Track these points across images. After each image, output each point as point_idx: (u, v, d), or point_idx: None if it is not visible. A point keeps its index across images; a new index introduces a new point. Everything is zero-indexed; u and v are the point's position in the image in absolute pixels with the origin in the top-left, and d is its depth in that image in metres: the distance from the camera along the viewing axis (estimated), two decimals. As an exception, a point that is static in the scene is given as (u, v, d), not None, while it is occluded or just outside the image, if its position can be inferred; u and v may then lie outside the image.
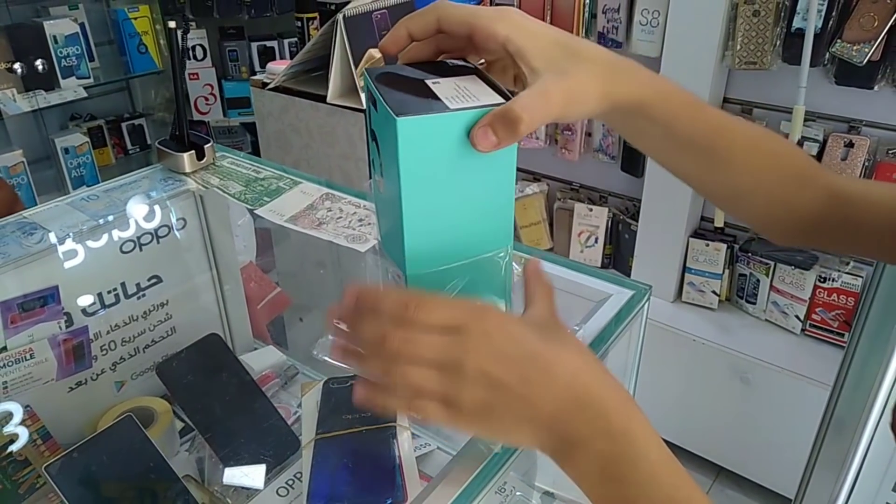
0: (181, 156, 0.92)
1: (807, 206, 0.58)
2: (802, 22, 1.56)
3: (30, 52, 2.01)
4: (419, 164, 0.43)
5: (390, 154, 0.43)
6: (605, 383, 0.43)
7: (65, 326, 0.86)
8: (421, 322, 0.42)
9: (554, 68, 0.45)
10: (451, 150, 0.43)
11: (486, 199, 0.46)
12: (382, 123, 0.44)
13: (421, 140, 0.42)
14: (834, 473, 1.25)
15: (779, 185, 0.58)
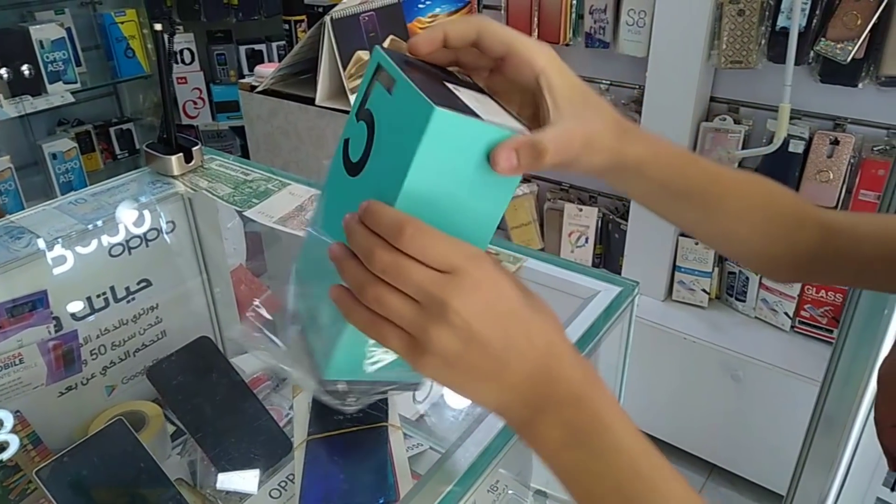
0: (169, 158, 0.92)
1: (802, 243, 0.60)
2: (787, 21, 1.57)
3: (16, 58, 2.00)
4: (433, 161, 0.41)
5: (403, 140, 0.41)
6: (577, 356, 0.44)
7: (54, 331, 0.86)
8: (415, 248, 0.40)
9: (575, 113, 0.47)
10: (467, 159, 0.42)
11: (473, 216, 0.45)
12: (399, 107, 0.42)
13: (447, 137, 0.40)
14: (825, 469, 1.26)
15: (774, 226, 0.60)
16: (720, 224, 0.59)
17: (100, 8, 2.39)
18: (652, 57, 1.78)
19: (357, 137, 0.44)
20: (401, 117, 0.41)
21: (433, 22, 1.54)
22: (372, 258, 0.40)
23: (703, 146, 1.82)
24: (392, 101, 0.42)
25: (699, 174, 0.56)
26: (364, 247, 0.40)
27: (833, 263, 0.60)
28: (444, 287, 0.40)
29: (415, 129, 0.39)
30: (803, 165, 1.69)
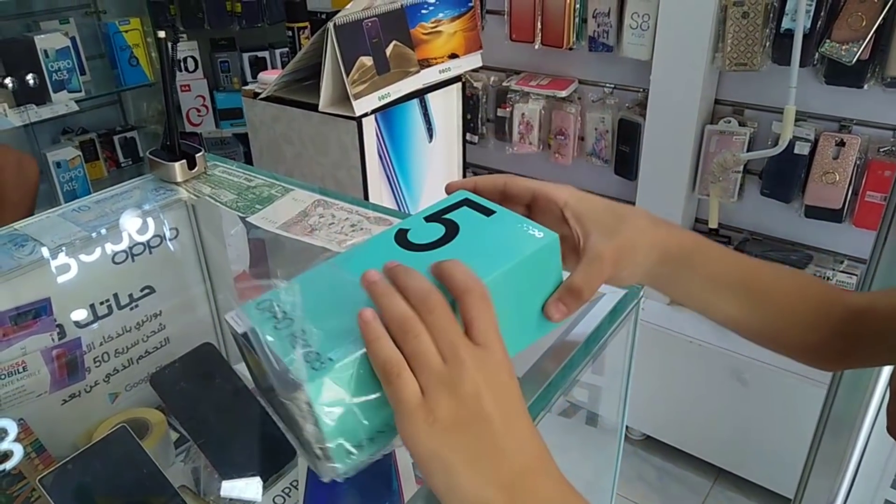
0: (172, 165, 0.92)
1: (834, 328, 0.60)
2: (791, 23, 1.56)
3: (21, 67, 2.00)
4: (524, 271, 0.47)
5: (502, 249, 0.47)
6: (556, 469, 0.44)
7: (57, 339, 0.86)
8: (469, 312, 0.42)
9: (605, 230, 0.51)
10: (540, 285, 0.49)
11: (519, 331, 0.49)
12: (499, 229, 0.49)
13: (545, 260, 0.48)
14: (833, 472, 1.25)
15: (809, 314, 0.61)
16: (764, 318, 0.61)
17: (104, 17, 2.40)
18: (656, 60, 1.77)
19: (424, 231, 0.50)
20: (499, 235, 0.49)
21: (436, 28, 1.54)
22: (428, 299, 0.41)
23: (707, 149, 1.82)
24: (492, 220, 0.50)
25: (740, 266, 0.59)
26: (422, 288, 0.42)
27: (866, 342, 0.60)
28: (473, 355, 0.41)
29: (522, 243, 0.47)
30: (809, 167, 1.68)
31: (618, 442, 0.81)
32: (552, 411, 0.56)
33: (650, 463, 2.10)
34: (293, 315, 0.45)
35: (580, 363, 0.59)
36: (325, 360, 0.41)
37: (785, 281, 0.61)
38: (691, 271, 0.57)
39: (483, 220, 0.50)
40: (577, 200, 0.53)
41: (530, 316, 0.49)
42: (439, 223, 0.50)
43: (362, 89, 1.37)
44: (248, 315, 0.45)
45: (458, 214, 0.51)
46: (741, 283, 0.59)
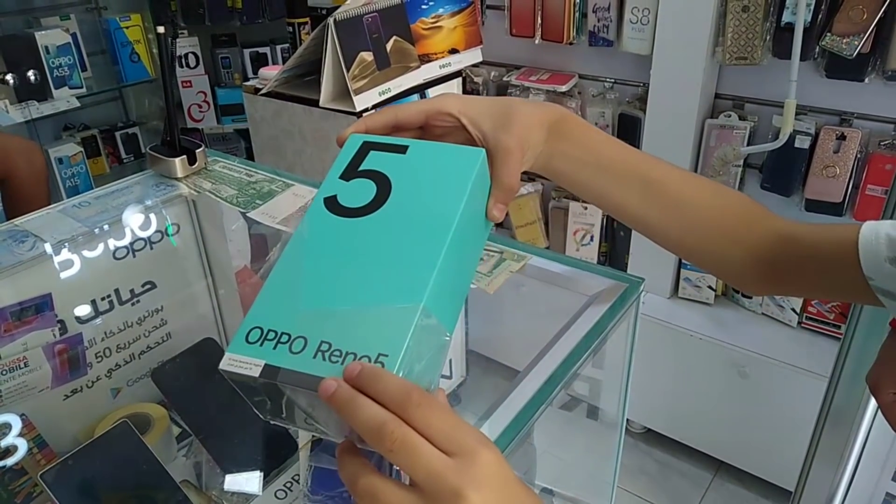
0: (173, 161, 0.92)
1: (760, 246, 0.58)
2: (792, 16, 1.56)
3: (22, 63, 2.00)
4: (474, 193, 0.47)
5: (444, 183, 0.47)
6: None
7: (59, 334, 0.86)
8: (422, 420, 0.36)
9: (501, 124, 0.53)
10: (482, 191, 0.50)
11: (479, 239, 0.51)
12: (424, 162, 0.48)
13: (481, 175, 0.49)
14: (833, 464, 1.26)
15: (728, 221, 0.59)
16: (672, 216, 0.59)
17: (105, 13, 2.40)
18: (656, 54, 1.77)
19: (354, 192, 0.47)
20: (431, 172, 0.48)
21: (436, 23, 1.54)
22: (381, 435, 0.35)
23: (708, 143, 1.82)
24: (410, 162, 0.49)
25: (644, 157, 0.59)
26: (371, 420, 0.36)
27: (798, 272, 0.58)
28: (457, 475, 0.35)
29: (461, 170, 0.47)
30: (809, 161, 1.68)
31: (619, 435, 0.81)
32: (553, 404, 0.56)
33: (651, 456, 2.10)
34: (299, 331, 0.41)
35: (581, 358, 0.59)
36: (378, 360, 0.39)
37: (698, 183, 0.60)
38: (574, 144, 0.57)
39: (403, 160, 0.49)
40: (467, 106, 0.54)
41: (479, 227, 0.51)
42: (362, 178, 0.48)
43: (363, 84, 1.37)
44: (247, 355, 0.41)
45: (375, 161, 0.49)
46: (637, 169, 0.58)
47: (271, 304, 0.43)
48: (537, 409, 0.53)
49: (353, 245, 0.44)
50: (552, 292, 0.75)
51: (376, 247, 0.44)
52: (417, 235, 0.44)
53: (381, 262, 0.43)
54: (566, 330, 0.62)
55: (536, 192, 2.21)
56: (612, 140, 0.59)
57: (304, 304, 0.42)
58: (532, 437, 0.56)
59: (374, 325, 0.40)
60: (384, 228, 0.45)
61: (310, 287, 0.43)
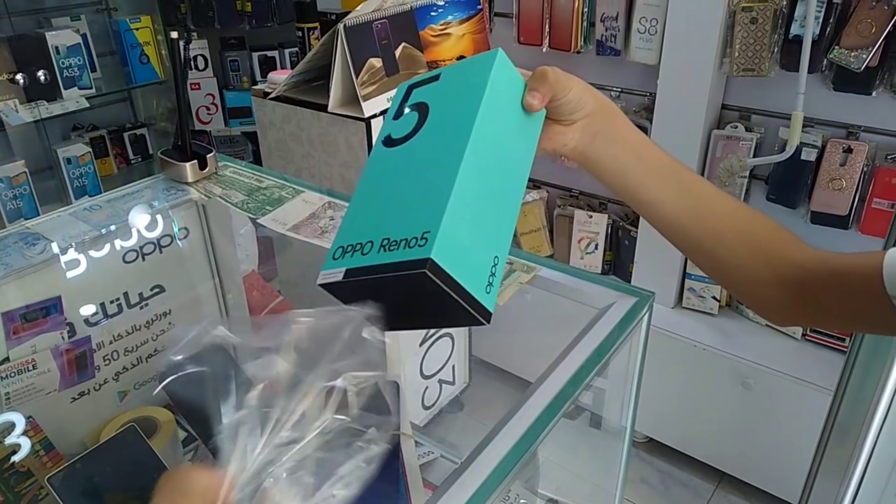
0: (183, 165, 0.93)
1: (789, 270, 0.58)
2: (800, 29, 1.56)
3: (32, 63, 2.01)
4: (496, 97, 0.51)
5: (467, 92, 0.51)
6: None
7: (67, 337, 0.87)
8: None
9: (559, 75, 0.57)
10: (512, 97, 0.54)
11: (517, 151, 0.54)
12: (454, 80, 0.54)
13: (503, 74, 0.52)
14: (837, 478, 1.25)
15: (761, 240, 0.59)
16: (705, 221, 0.59)
17: (115, 14, 2.41)
18: (663, 64, 1.77)
19: (402, 125, 0.54)
20: (458, 84, 0.53)
21: (445, 30, 1.55)
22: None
23: (714, 153, 1.82)
24: (443, 84, 0.54)
25: (680, 163, 0.60)
26: None
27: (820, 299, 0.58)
28: None
29: (481, 73, 0.51)
30: (816, 173, 1.68)
31: (624, 446, 0.81)
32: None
33: (653, 466, 2.10)
34: (368, 239, 0.48)
35: (591, 372, 0.59)
36: (423, 236, 0.45)
37: (734, 201, 0.60)
38: (624, 129, 0.59)
39: (438, 86, 0.55)
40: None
41: (517, 121, 0.54)
42: (407, 112, 0.55)
43: (371, 90, 1.38)
44: (334, 267, 0.49)
45: (416, 96, 0.55)
46: (678, 172, 0.59)
47: (346, 227, 0.52)
48: (547, 425, 0.53)
49: (399, 165, 0.52)
50: (559, 303, 0.76)
51: (416, 160, 0.51)
52: (450, 136, 0.49)
53: (419, 171, 0.50)
54: (576, 343, 0.62)
55: (542, 199, 2.21)
56: (652, 141, 0.61)
57: (368, 219, 0.50)
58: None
59: (419, 213, 0.46)
60: (423, 144, 0.51)
61: (372, 206, 0.51)
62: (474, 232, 0.47)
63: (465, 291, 0.46)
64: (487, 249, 0.48)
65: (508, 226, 0.51)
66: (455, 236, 0.45)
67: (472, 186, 0.47)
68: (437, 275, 0.44)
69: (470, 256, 0.46)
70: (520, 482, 0.97)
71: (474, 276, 0.46)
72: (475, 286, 0.46)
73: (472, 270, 0.46)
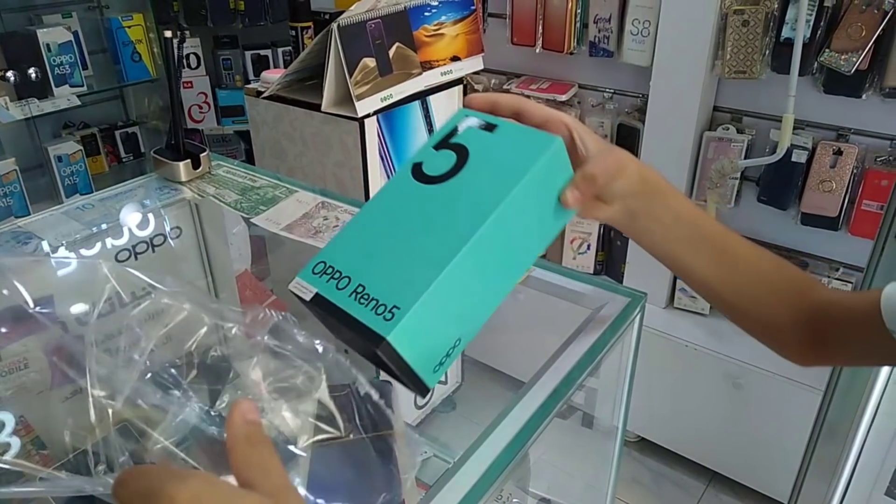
0: (177, 165, 0.93)
1: (807, 313, 0.60)
2: (791, 32, 1.57)
3: (23, 61, 2.00)
4: (538, 179, 0.49)
5: (513, 163, 0.49)
6: None
7: (59, 335, 0.86)
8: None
9: (604, 149, 0.57)
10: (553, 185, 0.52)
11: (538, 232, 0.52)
12: (505, 142, 0.51)
13: (553, 163, 0.51)
14: (827, 477, 1.26)
15: (783, 292, 0.61)
16: (736, 283, 0.61)
17: (107, 12, 2.40)
18: (656, 66, 1.78)
19: (437, 161, 0.51)
20: (508, 149, 0.51)
21: (439, 30, 1.55)
22: None
23: (705, 155, 1.83)
24: (496, 136, 0.52)
25: (718, 226, 0.61)
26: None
27: (830, 342, 0.60)
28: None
29: (529, 156, 0.49)
30: (806, 175, 1.69)
31: (616, 446, 0.81)
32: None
33: (645, 465, 2.11)
34: (348, 272, 0.47)
35: (583, 373, 0.59)
36: (392, 309, 0.44)
37: (764, 255, 0.62)
38: (669, 210, 0.59)
39: (489, 136, 0.52)
40: (580, 127, 0.58)
41: (549, 211, 0.53)
42: (449, 150, 0.52)
43: (365, 90, 1.38)
44: (309, 282, 0.49)
45: (465, 136, 0.53)
46: (713, 239, 0.60)
47: (338, 244, 0.50)
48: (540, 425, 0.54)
49: (415, 207, 0.49)
50: (551, 303, 0.76)
51: (432, 212, 0.48)
52: (468, 207, 0.47)
53: (426, 229, 0.48)
54: (569, 345, 0.62)
55: (534, 199, 2.22)
56: (690, 205, 0.61)
57: (360, 249, 0.49)
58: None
59: (402, 280, 0.45)
60: (445, 197, 0.49)
61: (370, 237, 0.49)
62: (445, 316, 0.46)
63: (412, 371, 0.46)
64: (452, 332, 0.47)
65: (488, 309, 0.50)
66: (422, 320, 0.45)
67: (464, 271, 0.46)
68: (388, 354, 0.44)
69: (430, 340, 0.46)
70: (511, 481, 0.97)
71: (426, 360, 0.46)
72: (423, 368, 0.46)
73: (427, 354, 0.46)
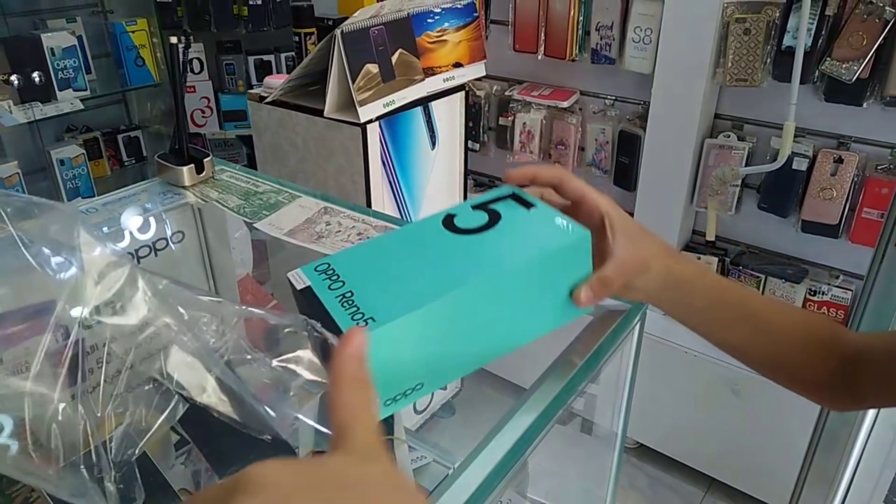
0: (181, 169, 0.93)
1: (837, 364, 0.62)
2: (792, 40, 1.58)
3: (27, 64, 2.01)
4: (552, 263, 0.51)
5: (538, 239, 0.52)
6: None
7: (61, 339, 0.87)
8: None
9: (632, 242, 0.58)
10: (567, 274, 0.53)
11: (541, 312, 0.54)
12: (537, 221, 0.54)
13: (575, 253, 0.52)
14: (825, 485, 1.26)
15: (814, 347, 0.63)
16: (767, 347, 0.63)
17: (111, 17, 2.41)
18: (657, 74, 1.79)
19: (470, 218, 0.55)
20: (535, 227, 0.53)
21: (441, 37, 1.55)
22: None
23: (707, 162, 1.83)
24: (531, 214, 0.55)
25: (745, 295, 0.62)
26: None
27: (864, 386, 0.61)
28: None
29: (552, 240, 0.52)
30: (807, 183, 1.70)
31: (616, 453, 0.82)
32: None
33: (643, 471, 2.11)
34: (345, 278, 0.50)
35: (583, 381, 0.60)
36: (367, 319, 0.46)
37: (788, 312, 0.64)
38: (696, 296, 0.61)
39: (524, 212, 0.55)
40: (615, 213, 0.59)
41: (557, 302, 0.54)
42: (484, 211, 0.55)
43: (367, 96, 1.39)
44: (307, 275, 0.52)
45: (502, 205, 0.56)
46: (742, 310, 0.62)
47: (348, 254, 0.53)
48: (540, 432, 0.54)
49: (431, 246, 0.52)
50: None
51: (443, 255, 0.51)
52: (475, 261, 0.50)
53: (434, 265, 0.50)
54: (570, 351, 0.62)
55: (535, 205, 2.22)
56: (722, 283, 0.62)
57: (365, 263, 0.52)
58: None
59: (388, 300, 0.47)
60: (460, 247, 0.52)
61: (379, 257, 0.53)
62: (416, 351, 0.47)
63: None
64: (418, 373, 0.48)
65: (461, 367, 0.51)
66: (392, 342, 0.46)
67: (448, 315, 0.48)
68: None
69: (392, 367, 0.47)
70: (511, 487, 0.97)
71: (382, 385, 0.46)
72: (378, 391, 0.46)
73: (384, 380, 0.46)
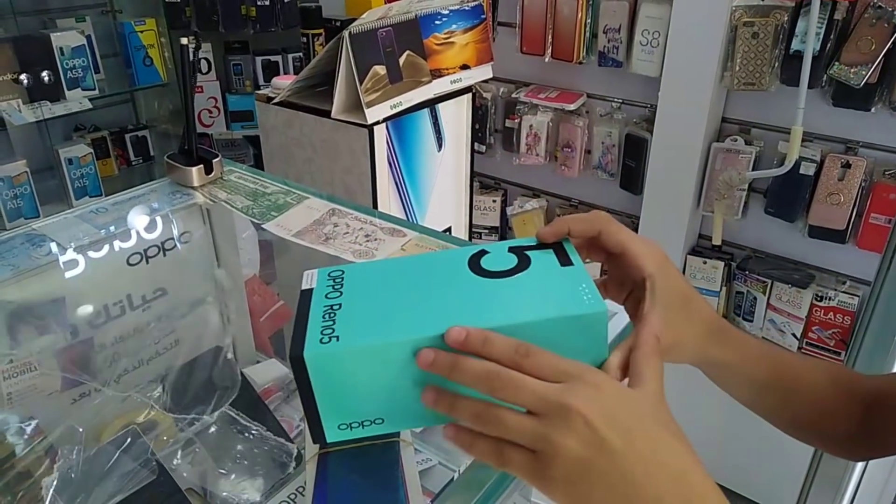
0: (189, 170, 0.93)
1: (861, 415, 0.62)
2: (801, 44, 1.58)
3: (36, 64, 2.02)
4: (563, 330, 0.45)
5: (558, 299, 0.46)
6: (711, 486, 0.43)
7: (70, 338, 0.87)
8: (529, 364, 0.40)
9: (669, 316, 0.52)
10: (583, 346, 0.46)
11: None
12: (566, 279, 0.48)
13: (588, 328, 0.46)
14: (831, 491, 1.26)
15: (841, 403, 0.63)
16: (799, 410, 0.63)
17: (120, 16, 2.42)
18: (665, 77, 1.79)
19: (499, 259, 0.51)
20: (558, 286, 0.48)
21: (449, 39, 1.56)
22: (489, 379, 0.40)
23: (714, 166, 1.83)
24: (561, 272, 0.49)
25: (781, 367, 0.62)
26: (478, 371, 0.41)
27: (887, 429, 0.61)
28: (563, 392, 0.39)
29: (568, 304, 0.46)
30: (814, 188, 1.69)
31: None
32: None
33: (648, 476, 2.10)
34: (346, 291, 0.49)
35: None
36: (333, 336, 0.44)
37: (811, 367, 0.64)
38: (732, 374, 0.62)
39: (556, 268, 0.50)
40: (661, 277, 0.53)
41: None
42: (517, 256, 0.51)
43: (375, 98, 1.39)
44: (318, 279, 0.51)
45: (539, 254, 0.51)
46: (779, 382, 0.62)
47: (364, 268, 0.53)
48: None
49: (444, 280, 0.50)
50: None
51: (451, 292, 0.48)
52: (474, 307, 0.46)
53: (429, 303, 0.47)
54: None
55: (541, 207, 2.22)
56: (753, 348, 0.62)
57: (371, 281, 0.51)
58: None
59: (367, 323, 0.46)
60: (470, 289, 0.48)
61: (392, 276, 0.51)
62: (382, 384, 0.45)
63: (315, 405, 0.45)
64: (380, 407, 0.46)
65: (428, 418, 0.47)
66: (353, 366, 0.44)
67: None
68: (298, 370, 0.44)
69: (352, 392, 0.45)
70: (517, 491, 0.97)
71: (336, 407, 0.45)
72: (328, 412, 0.45)
73: (340, 404, 0.45)
